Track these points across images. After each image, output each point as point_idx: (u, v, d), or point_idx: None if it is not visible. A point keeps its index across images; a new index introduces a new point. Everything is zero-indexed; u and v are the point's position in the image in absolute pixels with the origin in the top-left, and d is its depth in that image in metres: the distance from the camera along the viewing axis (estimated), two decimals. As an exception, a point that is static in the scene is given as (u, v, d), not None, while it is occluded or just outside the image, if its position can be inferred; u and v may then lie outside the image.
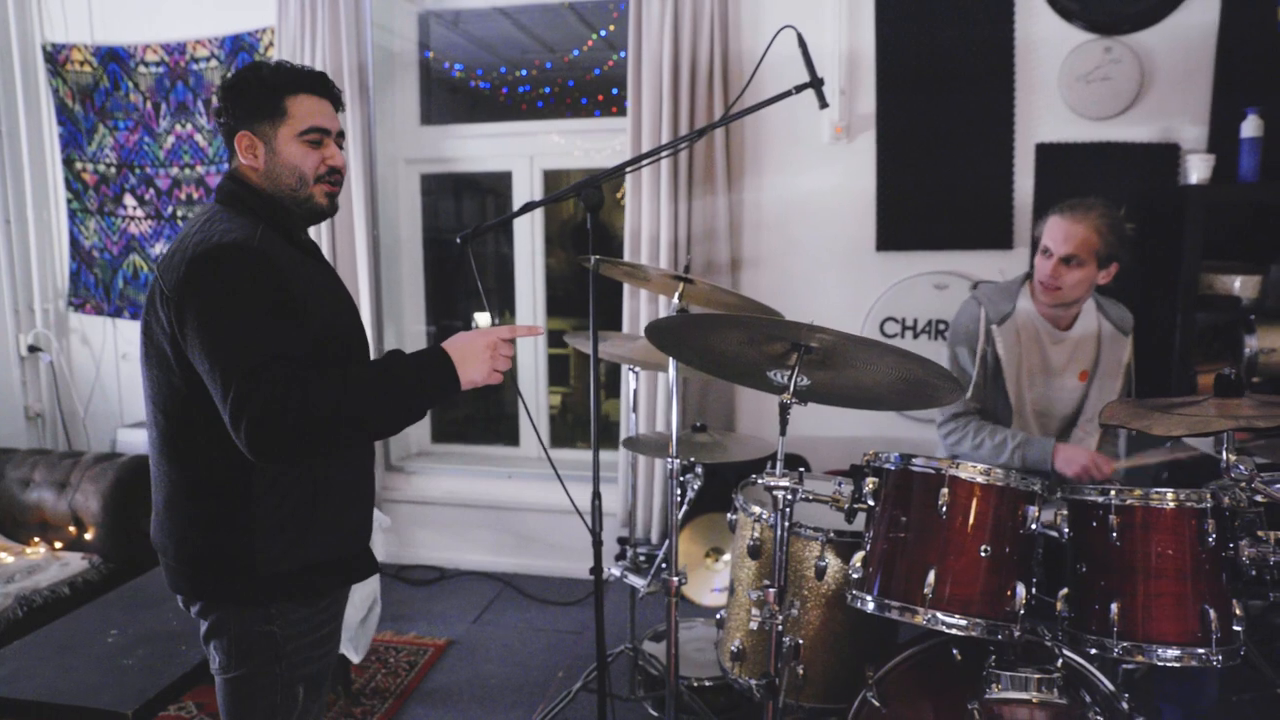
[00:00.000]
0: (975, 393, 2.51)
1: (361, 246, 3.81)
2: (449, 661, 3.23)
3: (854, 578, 1.82)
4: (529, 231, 4.08)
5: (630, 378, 2.85)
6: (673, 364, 2.18)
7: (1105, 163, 3.27)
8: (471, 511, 4.09)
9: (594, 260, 2.05)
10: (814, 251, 3.58)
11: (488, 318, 1.72)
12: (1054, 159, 3.32)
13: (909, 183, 3.45)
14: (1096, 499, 1.74)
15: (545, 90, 4.20)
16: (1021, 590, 1.71)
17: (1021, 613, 1.71)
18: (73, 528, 3.38)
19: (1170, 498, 1.69)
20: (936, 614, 1.70)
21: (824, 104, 2.11)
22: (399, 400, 1.54)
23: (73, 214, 4.25)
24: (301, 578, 1.67)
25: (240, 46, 3.88)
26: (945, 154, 3.40)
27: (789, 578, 2.00)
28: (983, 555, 1.71)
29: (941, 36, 3.36)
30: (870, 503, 1.85)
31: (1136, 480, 2.57)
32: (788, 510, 1.81)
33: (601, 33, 4.10)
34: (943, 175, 3.42)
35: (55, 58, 4.11)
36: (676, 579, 2.22)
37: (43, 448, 4.08)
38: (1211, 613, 1.64)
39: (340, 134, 1.76)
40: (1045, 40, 3.29)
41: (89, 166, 4.18)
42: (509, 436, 4.39)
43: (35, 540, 3.37)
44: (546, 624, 3.55)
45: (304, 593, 1.68)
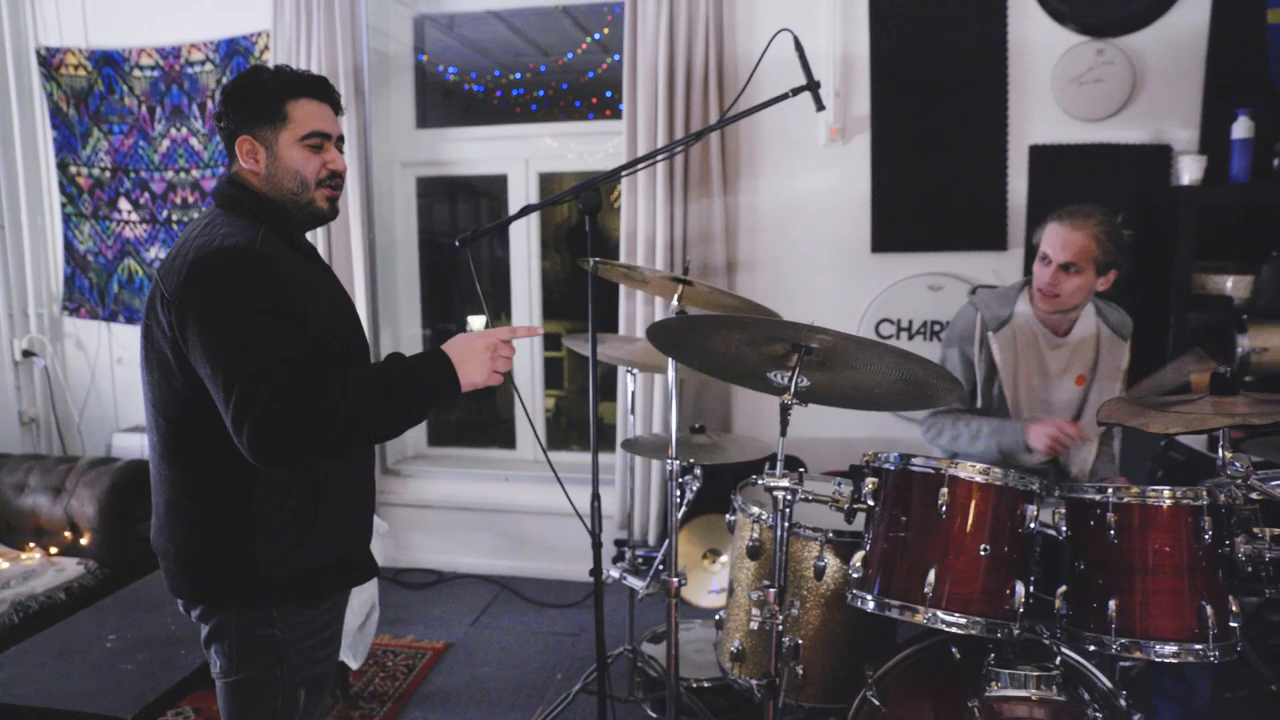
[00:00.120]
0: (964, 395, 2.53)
1: (357, 249, 3.81)
2: (447, 664, 3.23)
3: (854, 577, 1.82)
4: (524, 234, 4.08)
5: (628, 380, 2.86)
6: (672, 365, 2.19)
7: (1098, 164, 3.30)
8: (468, 514, 4.09)
9: (593, 263, 2.05)
10: (809, 253, 3.59)
11: (483, 320, 1.72)
12: (1047, 161, 3.35)
13: (904, 184, 3.47)
14: (1094, 497, 1.75)
15: (539, 93, 4.21)
16: (1020, 589, 1.72)
17: (1020, 611, 1.73)
18: (68, 533, 3.37)
19: (1167, 495, 1.71)
20: (937, 613, 1.71)
21: (820, 106, 2.12)
22: (399, 402, 1.55)
23: (67, 218, 4.24)
24: (303, 580, 1.67)
25: (235, 50, 3.88)
26: (940, 156, 3.42)
27: (788, 578, 2.01)
28: (982, 554, 1.72)
29: (935, 39, 3.38)
30: (870, 503, 1.86)
31: (1130, 452, 2.58)
32: (787, 511, 1.82)
33: (595, 36, 4.11)
34: (937, 177, 3.44)
35: (49, 61, 4.10)
36: (676, 580, 2.22)
37: (38, 453, 4.06)
38: (1208, 609, 1.65)
39: (340, 138, 1.76)
40: (1038, 42, 3.31)
41: (83, 171, 4.17)
42: (505, 439, 4.39)
43: (30, 546, 3.36)
44: (544, 626, 3.55)
45: (305, 595, 1.68)
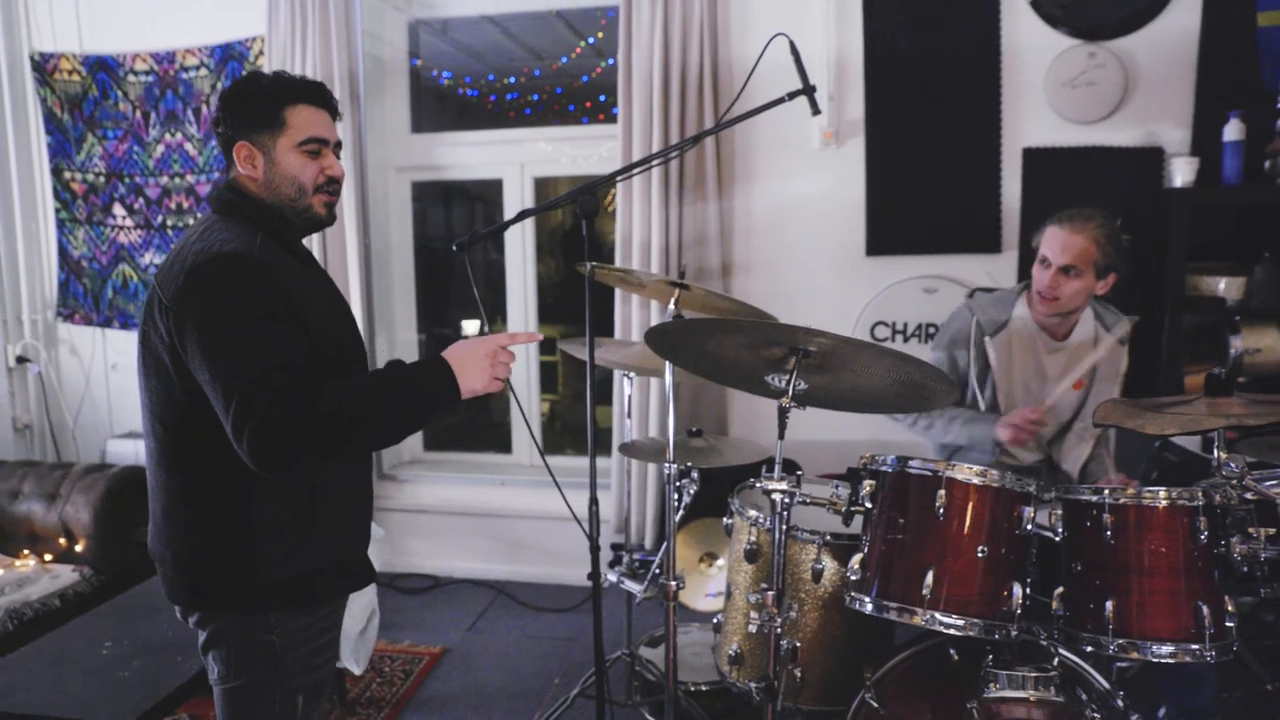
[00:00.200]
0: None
1: (353, 254, 3.80)
2: (444, 670, 3.23)
3: (852, 580, 1.83)
4: (520, 239, 4.08)
5: (625, 384, 2.86)
6: (669, 369, 2.19)
7: (1091, 167, 3.31)
8: (464, 519, 4.08)
9: (590, 267, 2.06)
10: (805, 256, 3.60)
11: (477, 325, 1.73)
12: (1041, 163, 3.36)
13: (898, 187, 3.48)
14: (1091, 498, 1.76)
15: (533, 97, 4.21)
16: (1018, 590, 1.73)
17: (1018, 612, 1.73)
18: (63, 539, 3.36)
19: (1163, 496, 1.72)
20: (935, 614, 1.71)
21: (816, 111, 2.12)
22: (400, 409, 1.55)
23: (61, 224, 4.23)
24: (301, 585, 1.67)
25: (230, 55, 3.87)
26: (934, 159, 3.44)
27: (786, 581, 2.02)
28: (980, 556, 1.73)
29: (929, 42, 3.39)
30: (867, 505, 1.86)
31: (1125, 453, 2.63)
32: (785, 514, 1.83)
33: (589, 40, 4.12)
34: (931, 180, 3.45)
35: (43, 67, 4.09)
36: (674, 583, 2.22)
37: (32, 459, 4.05)
38: (1205, 609, 1.66)
39: (338, 144, 1.77)
40: (1031, 46, 3.33)
41: (78, 176, 4.16)
42: (501, 444, 4.38)
43: (25, 553, 3.35)
44: (541, 631, 3.54)
45: (303, 601, 1.68)
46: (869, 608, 1.79)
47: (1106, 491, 1.75)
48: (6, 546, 3.39)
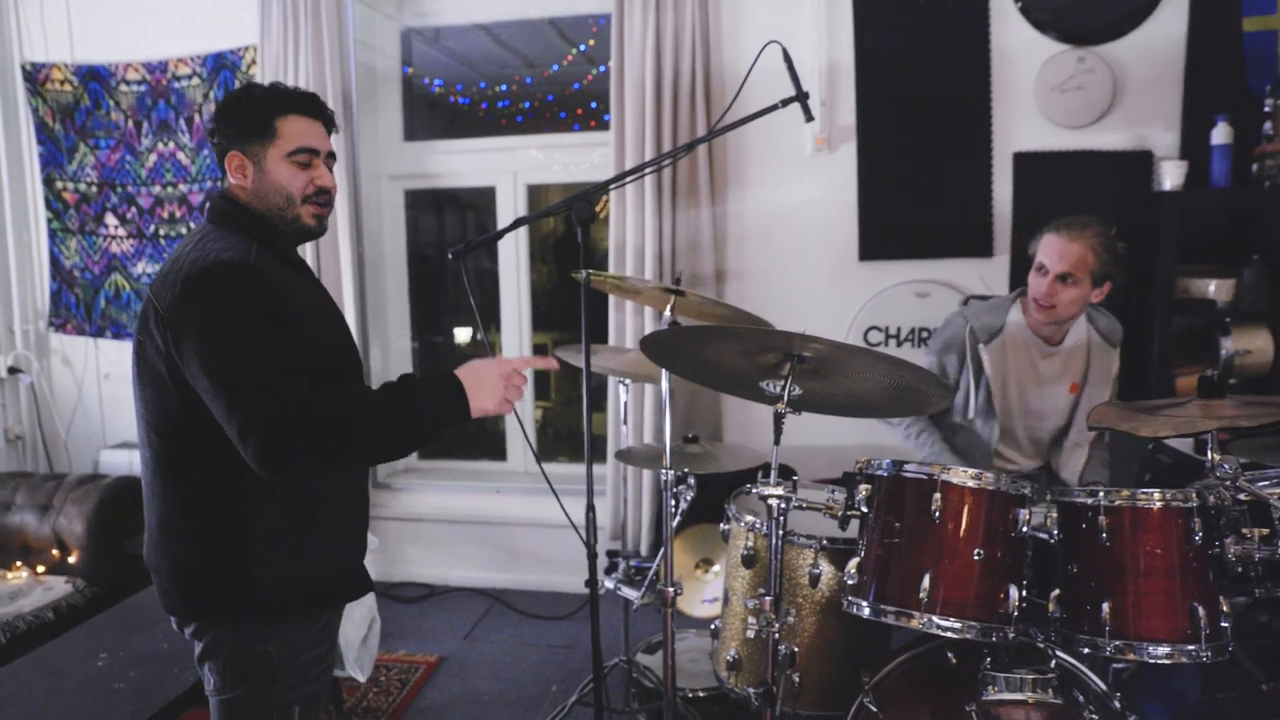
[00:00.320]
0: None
1: (346, 263, 3.80)
2: (441, 678, 3.22)
3: (849, 584, 1.83)
4: (513, 246, 4.08)
5: (620, 390, 2.86)
6: (665, 376, 2.20)
7: (1082, 171, 3.33)
8: (459, 527, 4.07)
9: (585, 274, 2.06)
10: (797, 262, 3.61)
11: (468, 333, 1.73)
12: (1031, 167, 3.38)
13: (890, 193, 3.49)
14: (1085, 501, 1.77)
15: (525, 105, 4.22)
16: (1014, 592, 1.74)
17: (1015, 615, 1.74)
18: (56, 551, 3.34)
19: (1157, 498, 1.72)
20: (932, 618, 1.72)
21: (810, 117, 2.14)
22: (409, 421, 1.55)
23: (53, 233, 4.21)
24: (297, 596, 1.67)
25: (223, 64, 3.87)
26: (925, 164, 3.45)
27: (783, 586, 2.02)
28: (976, 559, 1.73)
29: (919, 48, 3.41)
30: (864, 509, 1.87)
31: (1119, 456, 2.69)
32: (782, 519, 1.83)
33: (581, 47, 4.13)
34: (923, 185, 3.47)
35: (35, 77, 4.08)
36: (672, 590, 2.22)
37: (24, 470, 4.03)
38: (1200, 610, 1.66)
39: (331, 154, 1.77)
40: (1021, 51, 3.35)
41: (69, 185, 4.15)
42: (496, 451, 4.38)
43: (17, 565, 3.33)
44: (538, 639, 3.54)
45: (300, 611, 1.68)
46: (866, 612, 1.80)
47: (1101, 494, 1.76)
48: (-1, 559, 3.38)
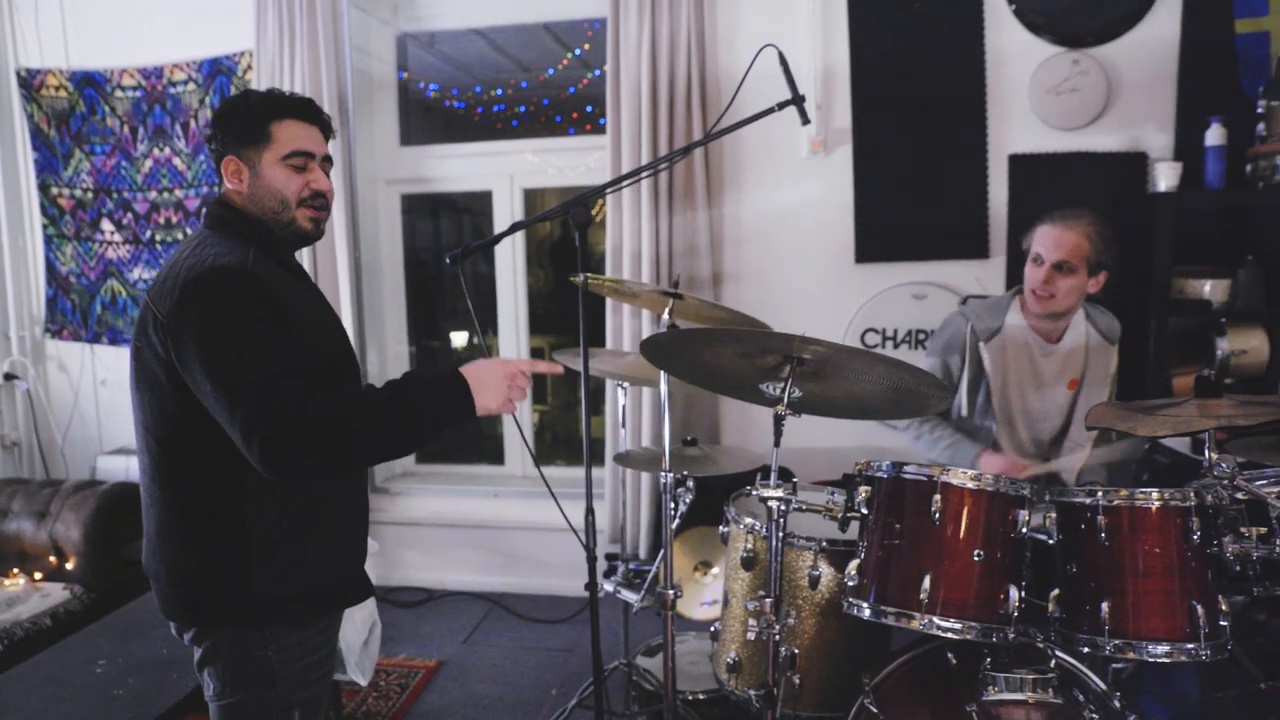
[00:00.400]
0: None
1: (343, 267, 3.80)
2: (440, 683, 3.21)
3: (850, 585, 1.84)
4: (510, 250, 4.08)
5: (619, 394, 2.86)
6: (664, 379, 2.20)
7: (1076, 172, 3.34)
8: (458, 531, 4.07)
9: (583, 278, 2.06)
10: (794, 265, 3.61)
11: (465, 337, 1.74)
12: (1027, 169, 3.39)
13: (886, 195, 3.50)
14: (1084, 501, 1.78)
15: (520, 109, 4.22)
16: (1014, 593, 1.74)
17: (1015, 615, 1.74)
18: (53, 558, 3.33)
19: (1155, 497, 1.73)
20: (932, 619, 1.72)
21: (806, 120, 2.14)
22: (411, 419, 1.55)
23: (49, 240, 4.20)
24: (297, 600, 1.67)
25: (218, 70, 3.87)
26: (921, 166, 3.46)
27: (783, 588, 2.02)
28: (976, 560, 1.74)
29: (914, 51, 3.42)
30: (863, 511, 1.87)
31: (1125, 483, 2.64)
32: (782, 521, 1.83)
33: (576, 51, 4.14)
34: (919, 187, 3.47)
35: (30, 83, 4.08)
36: (672, 592, 2.22)
37: (20, 477, 4.02)
38: (1199, 608, 1.67)
39: (327, 158, 1.77)
40: (1015, 54, 3.36)
41: (65, 192, 4.14)
42: (493, 455, 4.38)
43: (14, 572, 3.32)
44: (537, 643, 3.53)
45: (299, 616, 1.68)
46: (867, 613, 1.80)
47: (1100, 494, 1.77)
48: (-4, 566, 3.37)
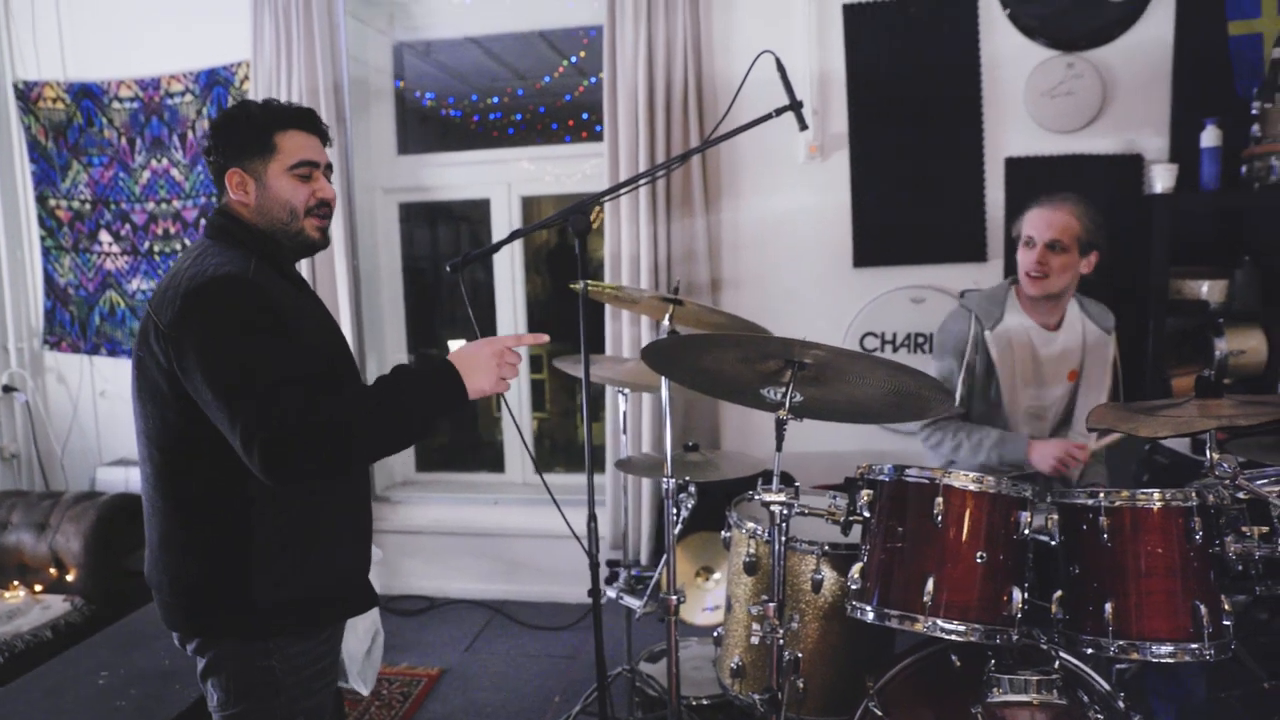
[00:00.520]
0: (960, 401, 2.55)
1: (342, 276, 3.80)
2: (443, 691, 3.21)
3: (853, 589, 1.84)
4: (509, 258, 4.08)
5: (619, 400, 2.87)
6: (665, 384, 2.20)
7: (1073, 175, 3.35)
8: (458, 539, 4.06)
9: (584, 284, 2.07)
10: (792, 270, 3.62)
11: (461, 344, 1.74)
12: (1023, 172, 3.40)
13: (883, 199, 3.51)
14: (1086, 502, 1.78)
15: (516, 117, 4.23)
16: (1017, 594, 1.74)
17: (1018, 617, 1.74)
18: (53, 569, 3.33)
19: (1157, 498, 1.73)
20: (936, 621, 1.72)
21: (804, 126, 2.15)
22: (406, 414, 1.55)
23: (47, 252, 4.20)
24: (300, 609, 1.67)
25: (215, 80, 3.88)
26: (918, 170, 3.47)
27: (786, 592, 2.02)
28: (979, 562, 1.74)
29: (909, 55, 3.44)
30: (866, 515, 1.87)
31: (1126, 483, 2.63)
32: (784, 525, 1.84)
33: (572, 59, 4.15)
34: (916, 191, 3.49)
35: (27, 95, 4.08)
36: (675, 598, 2.22)
37: (19, 489, 4.01)
38: (1202, 608, 1.67)
39: (329, 166, 1.78)
40: (1010, 57, 3.38)
41: (63, 203, 4.14)
42: (493, 463, 4.38)
43: (15, 584, 3.32)
44: (539, 650, 3.53)
45: (303, 625, 1.68)
46: (870, 616, 1.80)
47: (1102, 494, 1.77)
48: (-4, 578, 3.36)
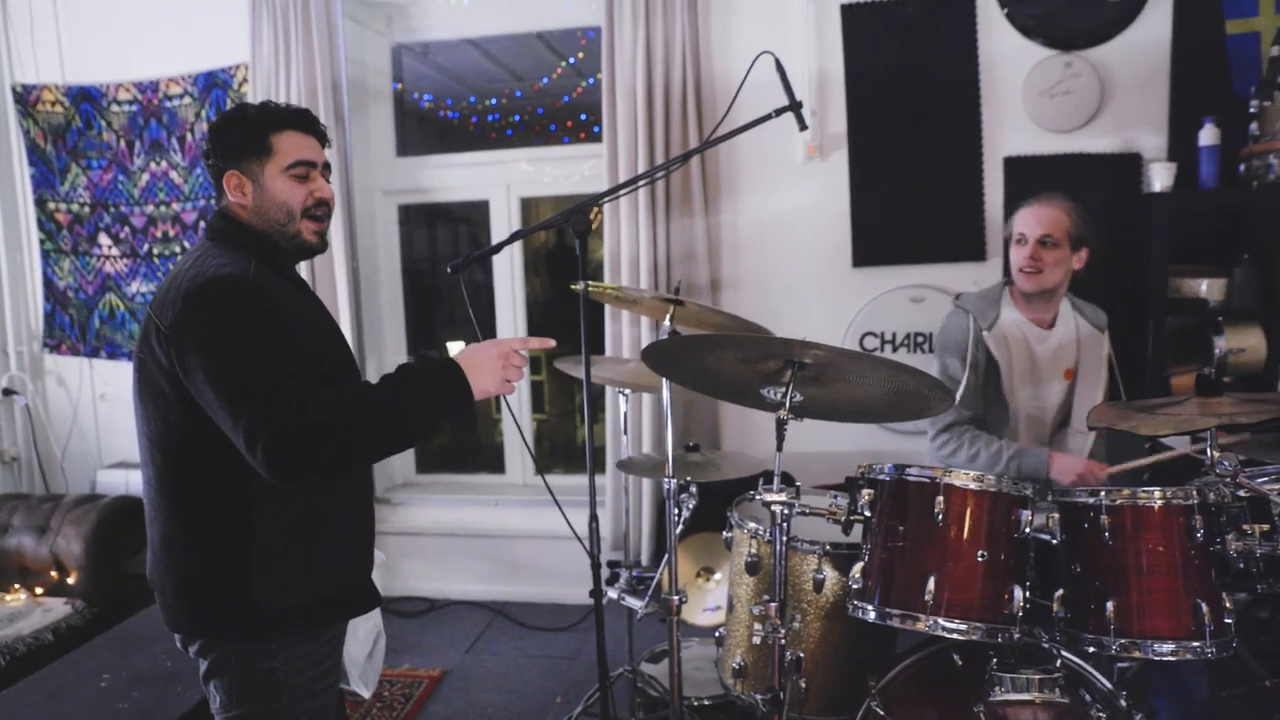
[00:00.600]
0: (966, 401, 2.55)
1: (341, 278, 3.80)
2: (444, 692, 3.21)
3: (854, 588, 1.84)
4: (508, 259, 4.08)
5: (620, 401, 2.87)
6: (666, 385, 2.20)
7: (1071, 174, 3.35)
8: (459, 541, 4.06)
9: (585, 285, 2.07)
10: (792, 270, 3.62)
11: (460, 345, 1.74)
12: (1022, 172, 3.40)
13: (882, 199, 3.51)
14: (1087, 500, 1.78)
15: (515, 118, 4.23)
16: (1019, 593, 1.75)
17: (1020, 615, 1.75)
18: (54, 572, 3.32)
19: (1158, 496, 1.74)
20: (938, 620, 1.72)
21: (804, 126, 2.15)
22: (413, 413, 1.55)
23: (46, 255, 4.21)
24: (302, 610, 1.67)
25: (214, 83, 3.88)
26: (916, 170, 3.48)
27: (788, 592, 2.02)
28: (980, 560, 1.74)
29: (908, 55, 3.44)
30: (867, 514, 1.87)
31: (1127, 483, 2.62)
32: (785, 525, 1.84)
33: (570, 60, 4.15)
34: (915, 191, 3.49)
35: (25, 99, 4.08)
36: (677, 598, 2.22)
37: (20, 492, 4.01)
38: (1204, 606, 1.68)
39: (327, 165, 1.78)
40: (1008, 57, 3.38)
41: (62, 206, 4.14)
42: (494, 464, 4.38)
43: (15, 587, 3.31)
44: (540, 651, 3.53)
45: (305, 626, 1.68)
46: (872, 615, 1.80)
47: (1103, 493, 1.77)
48: (-4, 581, 3.36)
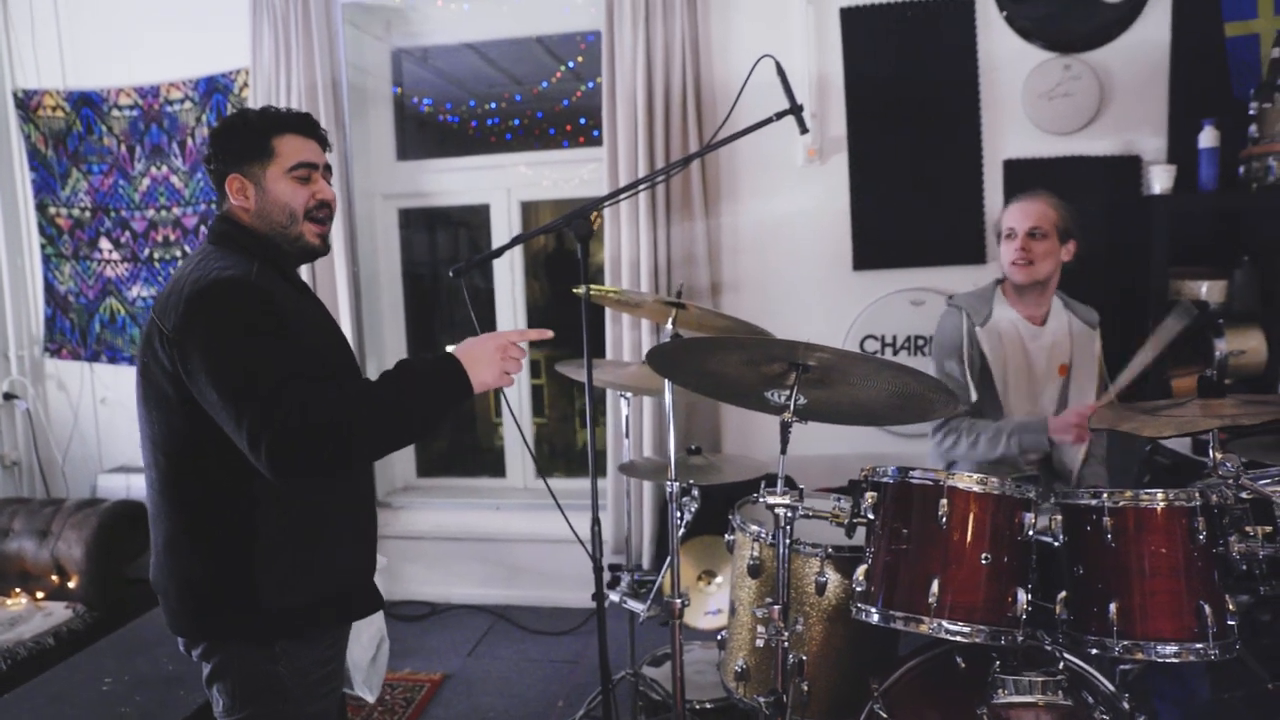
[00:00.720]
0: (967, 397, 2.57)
1: (342, 282, 3.80)
2: (446, 696, 3.20)
3: (858, 591, 1.84)
4: (509, 263, 4.09)
5: (622, 404, 2.87)
6: (668, 388, 2.21)
7: (1071, 176, 3.35)
8: (460, 544, 4.06)
9: (587, 289, 2.07)
10: (792, 273, 3.63)
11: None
12: (1021, 174, 3.40)
13: (882, 202, 3.52)
14: (1090, 503, 1.78)
15: (514, 122, 4.23)
16: (1022, 595, 1.74)
17: (1023, 618, 1.75)
18: (55, 576, 3.32)
19: (1160, 498, 1.74)
20: (942, 623, 1.72)
21: (804, 130, 2.16)
22: (413, 409, 1.56)
23: (47, 259, 4.21)
24: (306, 613, 1.67)
25: (214, 88, 3.88)
26: (916, 173, 3.48)
27: (791, 595, 2.02)
28: (983, 563, 1.74)
29: (907, 58, 3.45)
30: (870, 517, 1.87)
31: (1130, 483, 2.64)
32: (788, 528, 1.84)
33: (569, 64, 4.15)
34: (914, 194, 3.49)
35: (26, 104, 4.09)
36: (679, 601, 2.22)
37: (21, 496, 4.01)
38: (1207, 608, 1.68)
39: (328, 168, 1.79)
40: (1007, 60, 3.39)
41: (63, 211, 4.14)
42: (494, 468, 4.37)
43: (16, 591, 3.31)
44: (541, 654, 3.53)
45: (308, 629, 1.68)
46: (876, 618, 1.80)
47: (1105, 495, 1.77)
48: (-2, 586, 3.36)
